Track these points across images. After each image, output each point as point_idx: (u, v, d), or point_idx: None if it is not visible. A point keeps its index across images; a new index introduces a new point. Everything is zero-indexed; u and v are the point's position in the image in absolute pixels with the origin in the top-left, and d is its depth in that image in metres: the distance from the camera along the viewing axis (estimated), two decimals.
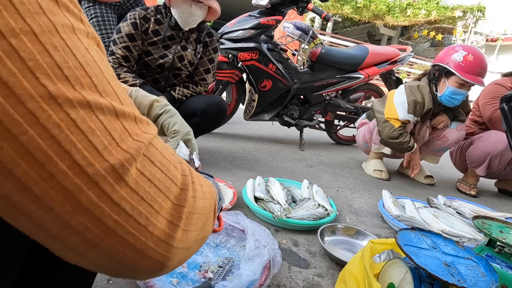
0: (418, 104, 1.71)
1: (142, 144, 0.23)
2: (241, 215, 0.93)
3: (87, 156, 0.19)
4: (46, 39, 0.19)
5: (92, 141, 0.20)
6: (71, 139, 0.19)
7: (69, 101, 0.19)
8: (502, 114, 1.10)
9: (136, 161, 0.22)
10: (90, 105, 0.20)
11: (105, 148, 0.20)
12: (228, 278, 0.73)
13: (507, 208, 1.81)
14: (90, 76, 0.21)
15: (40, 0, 0.19)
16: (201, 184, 0.31)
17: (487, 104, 1.87)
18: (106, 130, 0.21)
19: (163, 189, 0.24)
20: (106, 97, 0.21)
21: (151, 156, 0.24)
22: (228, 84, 2.20)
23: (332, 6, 9.86)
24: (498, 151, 1.74)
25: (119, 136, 0.21)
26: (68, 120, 0.19)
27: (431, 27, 11.07)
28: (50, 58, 0.19)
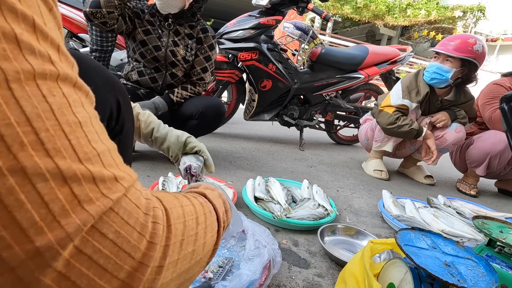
0: (412, 90, 1.75)
1: (92, 214, 0.19)
2: (241, 215, 0.93)
3: (5, 237, 0.16)
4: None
5: (16, 218, 0.16)
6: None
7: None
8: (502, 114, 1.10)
9: (74, 239, 0.18)
10: (25, 171, 0.16)
11: (33, 225, 0.16)
12: (228, 278, 0.73)
13: (507, 208, 1.81)
14: (37, 133, 0.17)
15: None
16: (187, 218, 0.28)
17: (486, 104, 1.87)
18: (43, 203, 0.17)
19: (109, 268, 0.19)
20: (54, 157, 0.18)
21: (104, 227, 0.19)
22: (228, 84, 2.20)
23: (332, 6, 9.86)
24: (498, 151, 1.74)
25: (59, 208, 0.17)
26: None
27: (431, 27, 11.07)
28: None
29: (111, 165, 0.22)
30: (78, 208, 0.18)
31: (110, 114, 0.48)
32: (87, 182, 0.19)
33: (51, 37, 0.20)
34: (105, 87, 0.47)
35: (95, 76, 0.46)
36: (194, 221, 0.30)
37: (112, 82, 0.49)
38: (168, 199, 0.29)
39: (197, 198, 0.36)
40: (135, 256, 0.21)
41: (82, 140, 0.20)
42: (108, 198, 0.20)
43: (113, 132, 0.50)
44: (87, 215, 0.18)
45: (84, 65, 0.46)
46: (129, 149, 0.58)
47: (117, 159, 0.23)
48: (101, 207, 0.19)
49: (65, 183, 0.18)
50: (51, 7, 0.22)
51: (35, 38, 0.19)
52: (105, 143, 0.23)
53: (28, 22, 0.18)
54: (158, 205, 0.26)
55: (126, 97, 0.52)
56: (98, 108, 0.45)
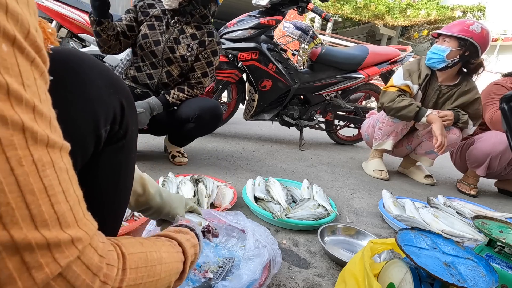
0: (413, 72, 1.80)
1: (36, 282, 0.20)
2: (241, 215, 0.92)
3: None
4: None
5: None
6: None
7: None
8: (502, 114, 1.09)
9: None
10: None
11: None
12: (228, 278, 0.73)
13: (507, 208, 1.81)
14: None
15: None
16: (142, 269, 0.31)
17: (487, 104, 1.87)
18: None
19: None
20: (11, 229, 0.19)
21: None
22: (228, 84, 2.20)
23: (332, 6, 9.85)
24: (498, 151, 1.74)
25: (7, 276, 0.19)
26: None
27: (431, 27, 11.06)
28: None
29: (69, 226, 0.23)
30: (25, 275, 0.19)
31: (114, 117, 0.47)
32: (40, 249, 0.20)
33: (26, 99, 0.21)
34: (108, 89, 0.46)
35: (98, 78, 0.45)
36: (154, 281, 0.33)
37: (115, 83, 0.48)
38: (131, 245, 0.32)
39: (167, 245, 0.41)
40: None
41: (43, 207, 0.21)
42: (57, 264, 0.21)
43: (116, 136, 0.49)
44: (32, 283, 0.20)
45: (87, 66, 0.44)
46: (133, 153, 0.55)
47: (78, 215, 0.24)
48: (48, 274, 0.21)
49: (17, 252, 0.19)
50: (33, 59, 0.22)
51: (9, 105, 0.20)
52: (69, 200, 0.24)
53: (1, 89, 0.19)
54: (116, 260, 0.28)
55: (130, 99, 0.50)
56: (101, 112, 0.44)
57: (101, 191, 0.48)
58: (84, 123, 0.41)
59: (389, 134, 1.87)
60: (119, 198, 0.53)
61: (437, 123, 1.65)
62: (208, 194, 1.12)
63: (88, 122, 0.42)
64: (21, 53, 0.21)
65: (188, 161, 1.60)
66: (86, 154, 0.43)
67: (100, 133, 0.44)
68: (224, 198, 1.15)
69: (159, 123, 1.50)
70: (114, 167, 0.50)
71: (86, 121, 0.42)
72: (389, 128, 1.85)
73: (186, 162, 1.57)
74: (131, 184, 0.57)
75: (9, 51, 0.20)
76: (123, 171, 0.52)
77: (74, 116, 0.40)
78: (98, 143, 0.45)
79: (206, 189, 1.14)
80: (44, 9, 2.27)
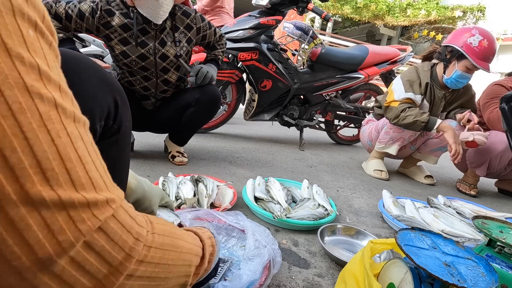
0: (413, 83, 1.77)
1: (82, 233, 0.24)
2: (241, 215, 0.92)
3: (16, 251, 0.21)
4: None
5: (25, 237, 0.21)
6: (4, 236, 0.20)
7: (9, 199, 0.20)
8: (502, 114, 1.10)
9: (68, 252, 0.23)
10: (32, 202, 0.21)
11: (37, 242, 0.21)
12: (228, 279, 0.73)
13: (507, 208, 1.81)
14: (39, 162, 0.21)
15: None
16: (167, 238, 0.34)
17: (487, 104, 1.87)
18: (45, 224, 0.21)
19: (92, 271, 0.25)
20: (56, 189, 0.22)
21: (93, 242, 0.25)
22: (228, 84, 2.20)
23: (332, 6, 9.85)
24: (498, 151, 1.74)
25: (58, 227, 0.22)
26: (5, 220, 0.20)
27: (431, 27, 11.06)
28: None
29: (102, 189, 0.27)
30: (73, 227, 0.23)
31: (108, 113, 0.49)
32: (81, 207, 0.24)
33: (54, 79, 0.24)
34: (102, 87, 0.48)
35: (92, 76, 0.47)
36: (177, 253, 0.36)
37: (109, 81, 0.50)
38: (164, 228, 0.35)
39: (194, 239, 0.44)
40: (113, 264, 0.26)
41: (80, 173, 0.25)
42: (97, 219, 0.25)
43: (110, 131, 0.51)
44: (78, 233, 0.23)
45: (82, 65, 0.47)
46: (127, 148, 0.58)
47: (107, 182, 0.28)
48: (91, 226, 0.24)
49: (64, 208, 0.23)
50: (50, 43, 0.25)
51: (42, 84, 0.22)
52: (99, 169, 0.27)
53: (35, 70, 0.22)
54: (145, 225, 0.31)
55: (123, 96, 0.53)
56: (96, 107, 0.46)
57: None
58: None
59: (396, 140, 1.86)
60: None
61: (449, 131, 1.61)
62: (208, 194, 1.12)
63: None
64: (42, 37, 0.24)
65: (188, 161, 1.60)
66: None
67: (95, 128, 0.47)
68: (224, 198, 1.15)
69: (160, 118, 1.51)
70: (108, 161, 0.52)
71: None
72: (396, 134, 1.83)
73: (186, 162, 1.57)
74: (126, 178, 0.59)
75: (34, 35, 0.23)
76: (117, 164, 0.54)
77: None
78: (93, 137, 0.47)
79: (206, 189, 1.14)
80: None
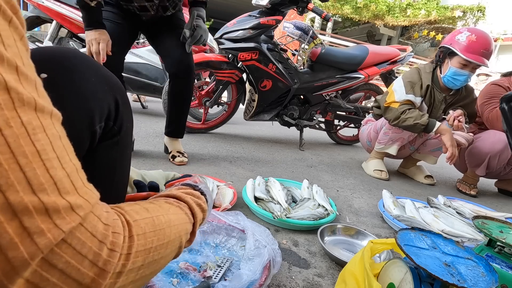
0: (415, 84, 1.75)
1: (40, 247, 0.20)
2: (241, 215, 0.92)
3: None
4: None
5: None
6: None
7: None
8: (502, 114, 1.10)
9: (20, 273, 0.19)
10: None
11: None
12: (228, 279, 0.73)
13: (507, 208, 1.81)
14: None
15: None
16: (150, 234, 0.31)
17: (485, 104, 1.87)
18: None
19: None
20: (6, 192, 0.18)
21: (54, 258, 0.21)
22: (228, 84, 2.20)
23: (332, 6, 9.85)
24: (497, 150, 1.74)
25: (7, 242, 0.18)
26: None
27: (431, 27, 11.06)
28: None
29: (68, 192, 0.22)
30: (28, 240, 0.19)
31: (108, 114, 0.48)
32: (39, 214, 0.19)
33: (7, 58, 0.19)
34: (103, 87, 0.47)
35: (92, 75, 0.46)
36: (164, 244, 0.33)
37: (110, 81, 0.49)
38: (135, 212, 0.31)
39: (175, 207, 0.41)
40: (83, 282, 0.22)
41: (38, 170, 0.20)
42: (59, 230, 0.20)
43: (111, 132, 0.50)
44: (35, 248, 0.19)
45: (83, 64, 0.46)
46: (128, 149, 0.57)
47: (77, 183, 0.24)
48: (51, 239, 0.20)
49: (15, 216, 0.18)
50: (10, 19, 0.21)
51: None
52: (66, 167, 0.23)
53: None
54: (121, 228, 0.27)
55: (124, 96, 0.52)
56: (96, 108, 0.45)
57: (97, 186, 0.49)
58: (79, 119, 0.43)
59: (395, 140, 1.86)
60: (115, 193, 0.54)
61: (447, 134, 1.65)
62: None
63: (83, 118, 0.43)
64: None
65: (188, 161, 1.60)
66: (81, 150, 0.45)
67: (94, 129, 0.45)
68: (224, 198, 1.15)
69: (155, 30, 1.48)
70: (109, 163, 0.51)
71: (81, 117, 0.43)
72: (396, 135, 1.83)
73: (186, 162, 1.57)
74: (127, 179, 0.59)
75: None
76: (118, 166, 0.53)
77: (69, 113, 0.41)
78: (93, 139, 0.46)
79: None
80: (44, 9, 2.27)
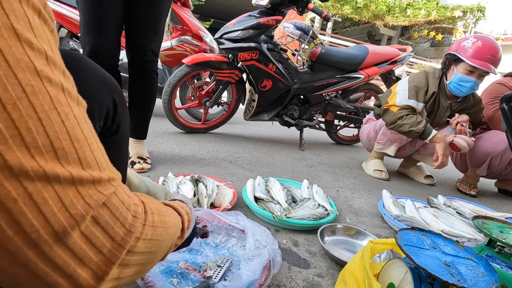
0: (420, 89, 1.73)
1: (91, 206, 0.26)
2: (241, 215, 0.92)
3: (35, 224, 0.22)
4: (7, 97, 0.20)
5: (42, 211, 0.22)
6: (23, 210, 0.21)
7: (27, 175, 0.21)
8: (502, 114, 1.10)
9: (80, 225, 0.25)
10: (47, 177, 0.22)
11: (53, 215, 0.23)
12: (228, 279, 0.73)
13: (507, 208, 1.81)
14: (51, 142, 0.23)
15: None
16: (156, 215, 0.36)
17: (489, 103, 1.87)
18: (59, 198, 0.23)
19: (98, 245, 0.27)
20: (66, 166, 0.24)
21: (98, 217, 0.26)
22: (228, 84, 2.20)
23: (332, 6, 9.86)
24: (499, 151, 1.74)
25: (69, 202, 0.24)
26: (24, 194, 0.21)
27: (431, 27, 11.06)
28: (10, 121, 0.20)
29: (104, 168, 0.29)
30: (82, 201, 0.25)
31: (107, 113, 0.50)
32: (88, 184, 0.26)
33: (58, 64, 0.25)
34: (101, 87, 0.49)
35: (91, 76, 0.48)
36: (165, 229, 0.38)
37: (107, 81, 0.51)
38: (154, 206, 0.37)
39: (175, 214, 0.47)
40: (115, 239, 0.28)
41: (87, 153, 0.26)
42: (102, 194, 0.27)
43: (109, 131, 0.51)
44: (87, 207, 0.25)
45: (81, 65, 0.47)
46: (126, 147, 0.59)
47: (108, 162, 0.30)
48: (97, 201, 0.26)
49: (73, 185, 0.24)
50: (52, 29, 0.26)
51: (50, 69, 0.23)
52: (101, 149, 0.29)
53: (42, 55, 0.23)
54: (139, 204, 0.33)
55: (121, 96, 0.54)
56: (95, 107, 0.47)
57: None
58: None
59: (394, 141, 1.86)
60: None
61: (441, 143, 1.67)
62: (208, 194, 1.12)
63: None
64: (45, 23, 0.25)
65: (188, 161, 1.59)
66: None
67: (94, 128, 0.47)
68: (224, 198, 1.15)
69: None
70: None
71: None
72: (394, 135, 1.83)
73: (148, 169, 1.38)
74: (125, 178, 0.60)
75: (38, 22, 0.23)
76: (116, 164, 0.54)
77: None
78: None
79: (206, 189, 1.14)
80: None
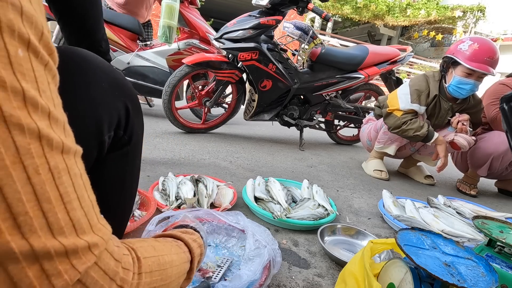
0: (422, 93, 1.73)
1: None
2: (241, 215, 0.92)
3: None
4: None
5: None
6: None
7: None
8: (502, 114, 1.09)
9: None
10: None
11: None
12: (228, 279, 0.73)
13: (507, 208, 1.81)
14: (9, 207, 0.18)
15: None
16: (153, 258, 0.32)
17: (491, 104, 1.86)
18: (11, 282, 0.19)
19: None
20: (28, 237, 0.19)
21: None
22: (228, 84, 2.20)
23: (332, 6, 9.86)
24: (501, 151, 1.74)
25: (28, 285, 0.19)
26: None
27: (431, 27, 11.06)
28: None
29: (84, 232, 0.23)
30: (46, 283, 0.19)
31: (118, 122, 0.44)
32: (58, 257, 0.20)
33: (42, 105, 0.20)
34: (113, 91, 0.44)
35: (102, 79, 0.43)
36: (167, 270, 0.34)
37: (120, 84, 0.46)
38: (144, 250, 0.32)
39: (175, 246, 0.41)
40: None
41: (59, 214, 0.21)
42: (76, 271, 0.21)
43: (120, 142, 0.46)
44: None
45: (92, 66, 0.42)
46: (138, 159, 0.53)
47: (92, 221, 0.24)
48: (68, 281, 0.21)
49: (37, 261, 0.19)
50: (46, 62, 0.22)
51: (26, 112, 0.19)
52: (84, 206, 0.24)
53: (18, 96, 0.19)
54: (132, 267, 0.28)
55: (135, 101, 0.48)
56: (105, 116, 0.43)
57: (105, 198, 0.46)
58: (86, 127, 0.40)
59: (394, 140, 1.86)
60: (123, 205, 0.52)
61: (442, 145, 1.71)
62: (208, 194, 1.12)
63: (91, 126, 0.40)
64: (36, 57, 0.21)
65: (188, 161, 1.59)
66: (88, 160, 0.42)
67: (103, 139, 0.42)
68: (224, 198, 1.15)
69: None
70: (118, 175, 0.48)
71: (89, 125, 0.40)
72: (394, 135, 1.83)
73: None
74: (136, 191, 0.56)
75: (25, 55, 0.20)
76: (127, 178, 0.50)
77: (76, 120, 0.39)
78: (101, 149, 0.43)
79: (206, 189, 1.14)
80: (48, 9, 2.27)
